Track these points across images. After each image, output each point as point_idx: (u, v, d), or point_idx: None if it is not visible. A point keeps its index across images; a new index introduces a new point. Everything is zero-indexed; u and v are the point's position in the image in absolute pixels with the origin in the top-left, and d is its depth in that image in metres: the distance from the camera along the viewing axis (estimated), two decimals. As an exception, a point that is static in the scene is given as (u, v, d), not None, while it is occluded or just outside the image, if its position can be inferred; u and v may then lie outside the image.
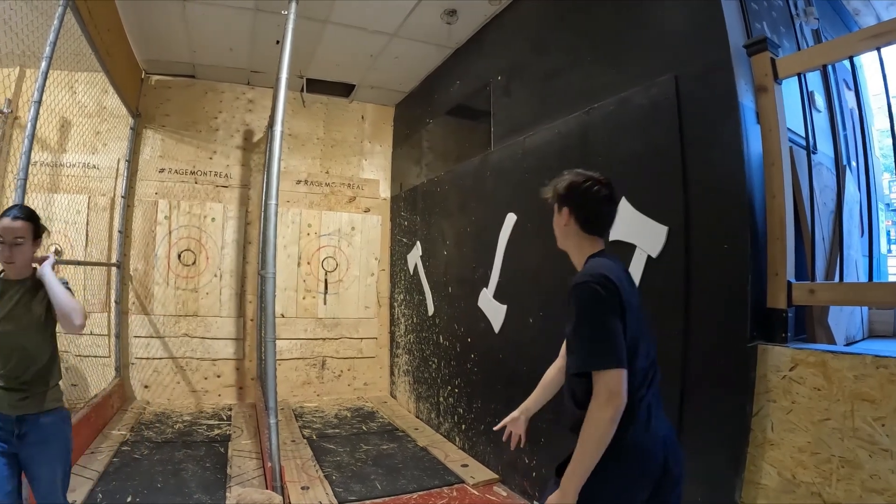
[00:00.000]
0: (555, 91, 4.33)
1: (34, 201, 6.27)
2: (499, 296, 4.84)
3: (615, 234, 3.44)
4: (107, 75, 5.53)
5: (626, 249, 3.37)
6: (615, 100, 3.60)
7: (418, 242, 6.75)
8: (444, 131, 6.93)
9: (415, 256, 6.81)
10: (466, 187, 5.54)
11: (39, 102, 4.06)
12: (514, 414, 2.54)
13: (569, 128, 4.04)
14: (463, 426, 5.49)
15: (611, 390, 1.81)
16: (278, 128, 4.47)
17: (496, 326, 4.83)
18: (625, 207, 3.39)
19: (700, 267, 2.98)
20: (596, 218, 2.17)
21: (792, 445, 2.57)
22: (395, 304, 7.51)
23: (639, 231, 3.31)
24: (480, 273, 5.07)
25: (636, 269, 3.31)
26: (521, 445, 2.51)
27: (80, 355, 6.54)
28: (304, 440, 5.66)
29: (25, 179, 3.96)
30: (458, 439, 5.60)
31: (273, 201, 4.49)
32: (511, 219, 4.65)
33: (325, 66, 6.86)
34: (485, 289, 5.00)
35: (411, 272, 6.91)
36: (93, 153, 6.80)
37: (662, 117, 3.22)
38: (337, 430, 6.11)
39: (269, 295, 4.33)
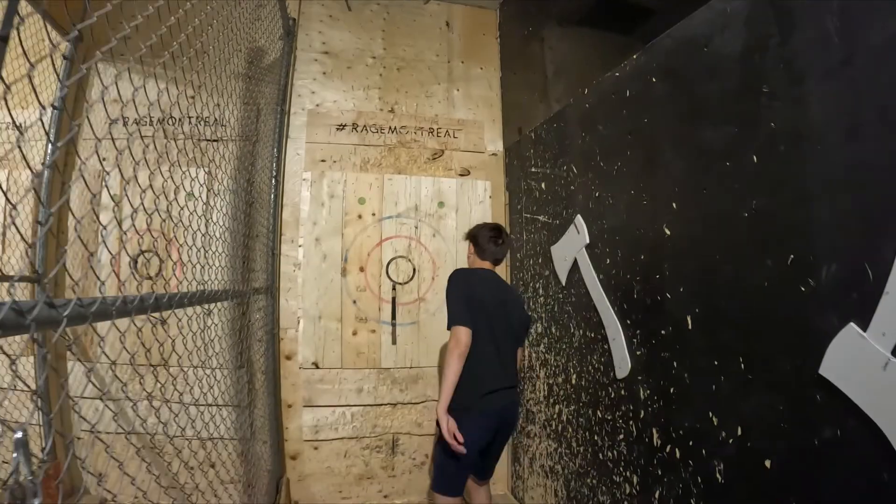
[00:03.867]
0: None
1: None
2: None
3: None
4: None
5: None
6: None
7: (579, 218, 3.31)
8: (589, 31, 3.60)
9: (572, 247, 3.42)
10: (726, 56, 2.14)
11: None
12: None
13: None
14: None
15: (457, 339, 2.92)
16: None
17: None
18: None
19: None
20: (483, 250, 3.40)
21: None
22: (526, 341, 4.10)
23: None
24: (828, 277, 1.69)
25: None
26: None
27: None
28: None
29: None
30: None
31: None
32: None
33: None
34: (852, 326, 1.60)
35: (563, 280, 3.50)
36: (23, 108, 4.02)
37: None
38: None
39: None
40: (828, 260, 1.66)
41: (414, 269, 4.40)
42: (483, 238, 3.39)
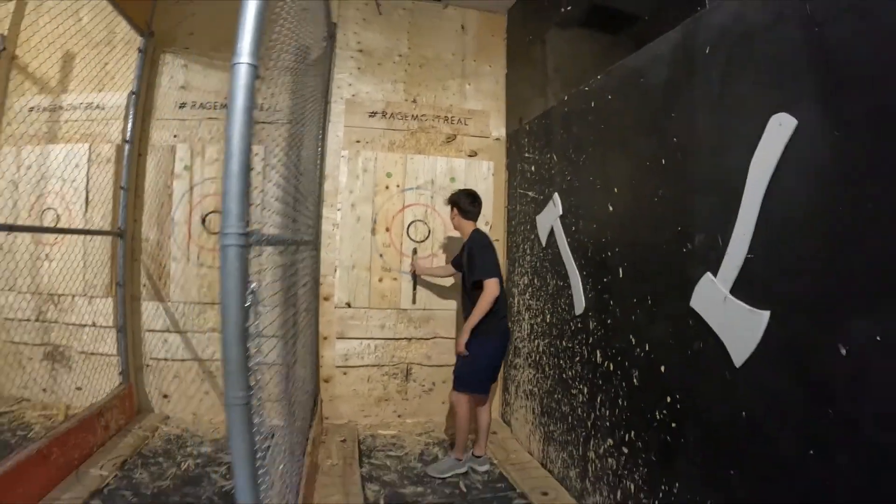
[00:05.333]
0: None
1: (29, 155, 4.83)
2: (747, 289, 2.34)
3: None
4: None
5: None
6: None
7: (556, 195, 4.28)
8: (582, 36, 4.43)
9: (550, 217, 4.35)
10: (652, 88, 3.07)
11: None
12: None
13: None
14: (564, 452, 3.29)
15: (493, 289, 3.94)
16: None
17: (738, 354, 2.35)
18: None
19: None
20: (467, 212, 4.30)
21: None
22: (516, 290, 5.06)
23: None
24: (698, 243, 2.63)
25: None
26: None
27: (84, 352, 4.94)
28: (367, 511, 3.46)
29: None
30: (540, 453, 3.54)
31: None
32: (784, 125, 2.11)
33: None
34: (708, 276, 2.55)
35: (543, 242, 4.47)
36: (99, 91, 5.05)
37: None
38: (419, 489, 3.89)
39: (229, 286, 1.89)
40: (699, 232, 2.61)
41: (429, 231, 5.34)
42: (465, 202, 4.27)
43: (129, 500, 3.44)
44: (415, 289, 5.26)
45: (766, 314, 2.19)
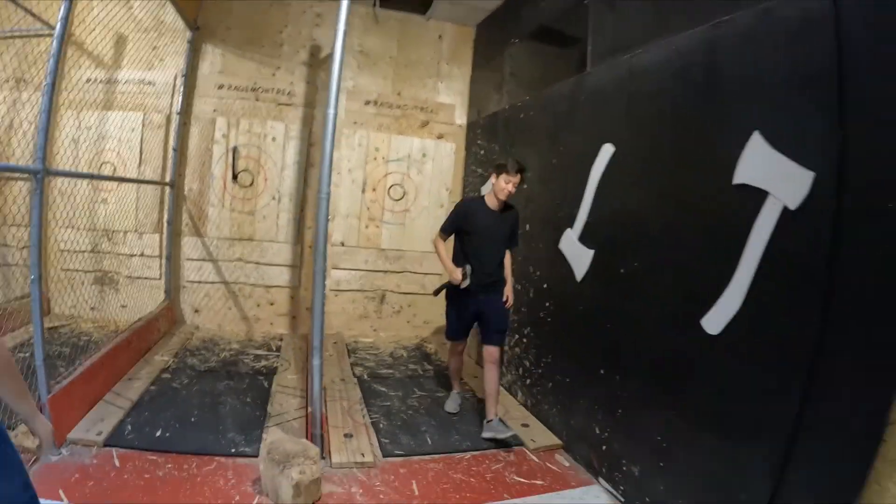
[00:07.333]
0: (673, 1, 3.51)
1: (88, 119, 6.27)
2: (585, 238, 4.16)
3: (741, 176, 2.73)
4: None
5: (753, 197, 2.64)
6: (753, 12, 2.75)
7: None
8: (531, 54, 6.09)
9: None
10: (555, 113, 4.80)
11: (66, 19, 3.58)
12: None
13: (691, 45, 3.19)
14: (528, 381, 4.96)
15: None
16: (341, 26, 3.91)
17: (578, 274, 4.18)
18: (757, 144, 2.65)
19: (853, 228, 2.21)
20: None
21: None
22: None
23: (774, 175, 2.55)
24: (565, 211, 4.39)
25: (765, 223, 2.58)
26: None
27: (130, 276, 6.40)
28: (355, 379, 5.25)
29: (53, 84, 3.53)
30: (520, 394, 5.11)
31: (332, 111, 3.92)
32: (607, 150, 3.92)
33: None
34: (569, 229, 4.32)
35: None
36: (149, 69, 6.46)
37: (815, 35, 2.38)
38: (391, 371, 5.68)
39: (321, 220, 3.77)
40: (567, 205, 4.39)
41: (404, 193, 7.04)
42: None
43: (189, 373, 5.04)
44: (389, 233, 7.02)
45: (592, 251, 4.01)
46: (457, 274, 4.28)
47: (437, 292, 4.67)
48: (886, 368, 2.05)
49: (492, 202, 4.31)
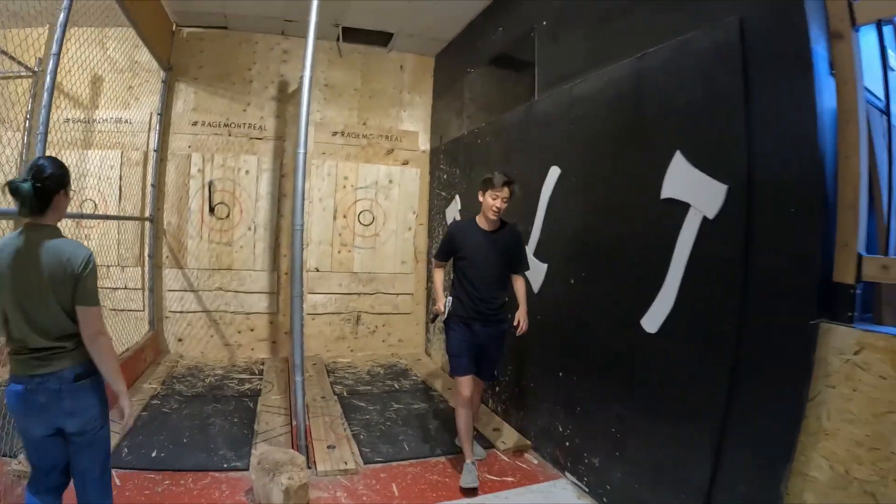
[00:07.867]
0: (607, 35, 3.93)
1: (67, 158, 6.28)
2: (539, 253, 4.57)
3: (667, 191, 3.15)
4: (134, 28, 5.46)
5: (678, 209, 3.06)
6: (672, 44, 3.19)
7: (457, 196, 6.45)
8: (486, 81, 6.52)
9: (453, 211, 6.51)
10: (509, 139, 5.23)
11: (58, 55, 3.96)
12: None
13: (621, 74, 3.65)
14: (497, 388, 5.31)
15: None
16: (307, 72, 4.26)
17: (535, 286, 4.56)
18: (679, 163, 3.08)
19: (762, 232, 2.64)
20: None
21: (848, 437, 2.27)
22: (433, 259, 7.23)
23: (694, 189, 2.98)
24: (521, 230, 4.75)
25: (689, 231, 3.00)
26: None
27: (114, 309, 6.56)
28: (335, 397, 5.54)
29: (46, 134, 3.88)
30: (491, 402, 5.43)
31: (302, 150, 4.30)
32: (555, 172, 4.35)
33: (362, 14, 6.48)
34: (525, 247, 4.71)
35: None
36: (125, 108, 6.73)
37: (725, 64, 2.82)
38: (369, 388, 5.97)
39: (296, 248, 4.16)
40: (523, 223, 4.76)
41: (373, 218, 7.39)
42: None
43: (178, 399, 5.29)
44: (361, 257, 7.35)
45: (546, 265, 4.40)
46: (439, 304, 4.11)
47: (432, 320, 5.03)
48: (801, 351, 2.43)
49: (482, 222, 4.04)
